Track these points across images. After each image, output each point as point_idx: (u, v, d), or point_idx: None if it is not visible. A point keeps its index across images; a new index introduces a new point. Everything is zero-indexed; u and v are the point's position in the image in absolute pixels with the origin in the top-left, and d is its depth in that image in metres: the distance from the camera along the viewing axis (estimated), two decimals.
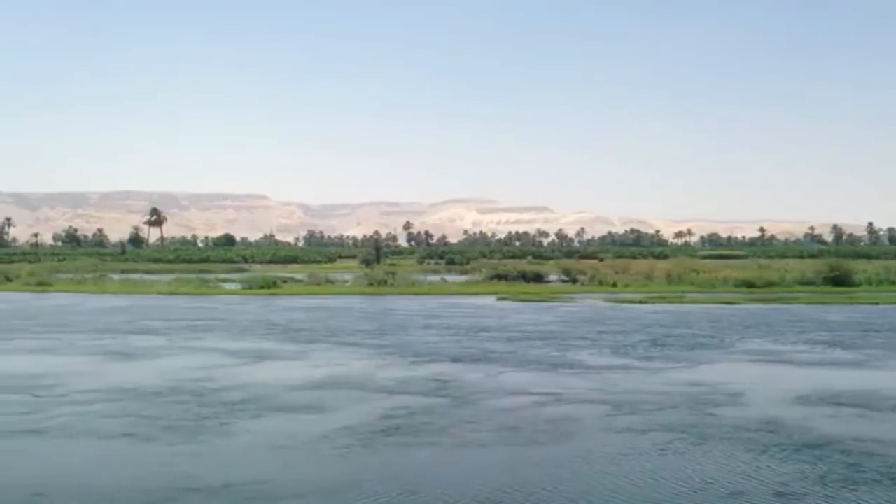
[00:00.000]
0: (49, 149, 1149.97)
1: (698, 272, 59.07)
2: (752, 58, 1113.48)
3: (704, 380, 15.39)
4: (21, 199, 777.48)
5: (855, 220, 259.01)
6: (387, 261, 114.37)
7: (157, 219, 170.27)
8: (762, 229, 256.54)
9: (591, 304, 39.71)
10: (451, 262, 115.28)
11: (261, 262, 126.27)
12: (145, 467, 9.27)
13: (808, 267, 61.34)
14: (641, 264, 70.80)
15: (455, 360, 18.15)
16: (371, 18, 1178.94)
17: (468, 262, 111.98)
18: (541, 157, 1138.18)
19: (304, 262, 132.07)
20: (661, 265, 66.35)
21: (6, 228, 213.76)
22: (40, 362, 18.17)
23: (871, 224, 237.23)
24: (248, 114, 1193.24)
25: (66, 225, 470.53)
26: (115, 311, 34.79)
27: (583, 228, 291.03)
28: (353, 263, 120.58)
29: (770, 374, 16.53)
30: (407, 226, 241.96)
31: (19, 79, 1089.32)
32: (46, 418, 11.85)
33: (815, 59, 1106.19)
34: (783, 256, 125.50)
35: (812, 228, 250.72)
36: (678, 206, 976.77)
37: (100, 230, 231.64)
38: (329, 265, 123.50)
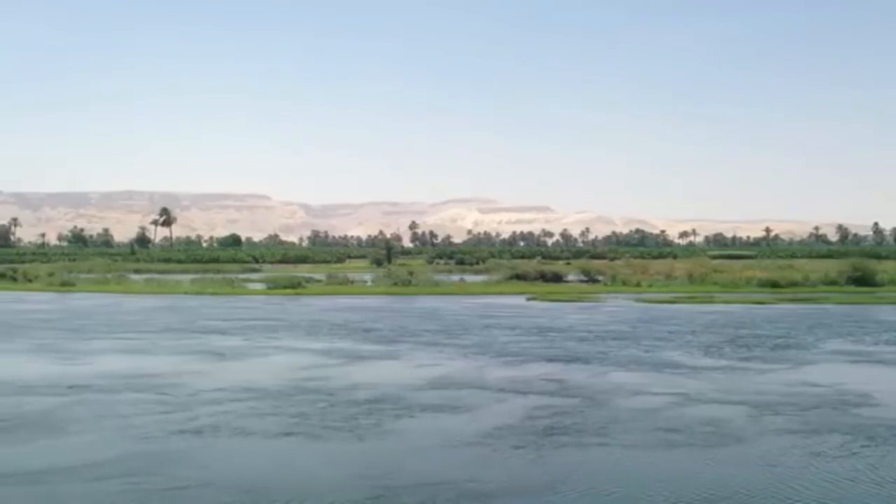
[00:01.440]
0: (50, 149, 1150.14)
1: (720, 272, 59.32)
2: (753, 58, 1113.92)
3: (820, 381, 15.48)
4: (22, 199, 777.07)
5: (856, 221, 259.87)
6: (396, 261, 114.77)
7: (166, 219, 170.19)
8: (768, 229, 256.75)
9: (625, 304, 39.80)
10: (460, 262, 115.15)
11: (271, 262, 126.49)
12: (338, 466, 9.37)
13: (829, 267, 61.57)
14: (660, 264, 70.97)
15: (550, 360, 18.26)
16: (372, 18, 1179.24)
17: (477, 263, 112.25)
18: (542, 156, 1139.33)
19: (314, 262, 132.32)
20: (681, 265, 66.61)
21: (12, 229, 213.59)
22: (142, 362, 18.22)
23: (876, 224, 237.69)
24: (250, 114, 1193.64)
25: (67, 225, 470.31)
26: (161, 311, 34.92)
27: (587, 228, 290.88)
28: (363, 263, 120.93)
29: (879, 375, 16.68)
30: (413, 226, 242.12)
31: (20, 79, 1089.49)
32: (191, 417, 11.94)
33: (817, 59, 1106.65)
34: (793, 256, 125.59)
35: (817, 228, 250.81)
36: (679, 206, 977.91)
37: (106, 230, 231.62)
38: (339, 265, 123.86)
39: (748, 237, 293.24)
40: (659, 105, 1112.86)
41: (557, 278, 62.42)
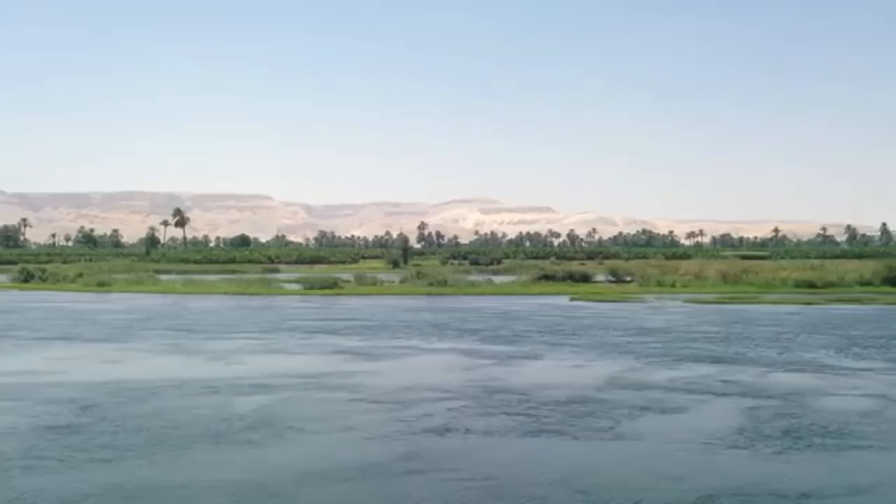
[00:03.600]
0: (52, 149, 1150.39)
1: (754, 272, 59.36)
2: (754, 58, 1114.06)
3: None
4: (25, 200, 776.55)
5: (859, 221, 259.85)
6: (411, 261, 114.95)
7: (179, 220, 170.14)
8: (776, 229, 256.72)
9: (678, 304, 39.86)
10: (474, 263, 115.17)
11: (287, 263, 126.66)
12: (628, 466, 9.44)
13: (853, 267, 61.64)
14: (691, 265, 70.83)
15: (696, 360, 18.24)
16: (372, 18, 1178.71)
17: (492, 263, 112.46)
18: (543, 157, 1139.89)
19: (329, 262, 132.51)
20: (714, 265, 66.74)
21: (22, 229, 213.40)
22: (293, 362, 18.27)
23: (884, 224, 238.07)
24: (251, 114, 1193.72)
25: (69, 226, 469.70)
26: (234, 311, 35.23)
27: (594, 229, 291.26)
28: (378, 263, 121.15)
29: None
30: (421, 226, 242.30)
31: (22, 79, 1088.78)
32: (411, 416, 11.99)
33: (817, 58, 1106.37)
34: (806, 257, 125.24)
35: (824, 229, 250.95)
36: (681, 207, 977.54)
37: (115, 230, 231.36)
38: (354, 265, 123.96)
39: (755, 237, 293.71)
40: (659, 105, 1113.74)
41: (586, 279, 62.44)
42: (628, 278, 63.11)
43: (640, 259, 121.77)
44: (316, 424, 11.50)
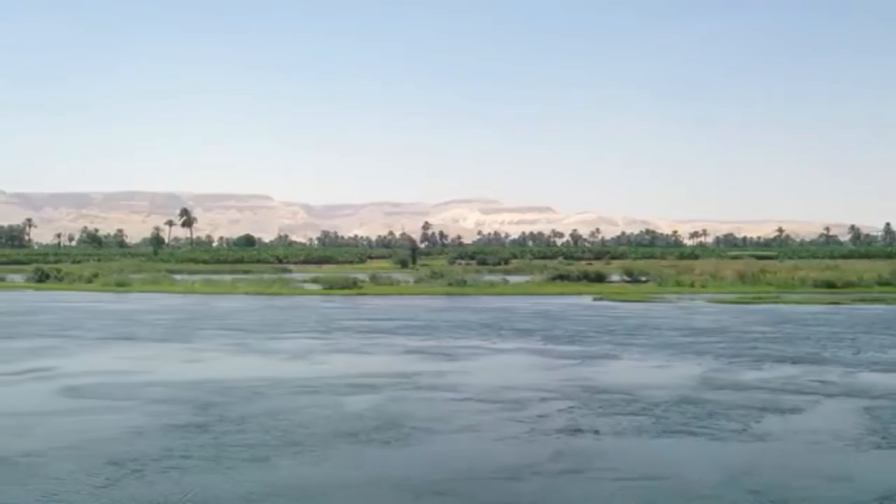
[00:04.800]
0: (52, 149, 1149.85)
1: (773, 272, 59.48)
2: (753, 58, 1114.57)
3: None
4: (25, 200, 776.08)
5: (861, 221, 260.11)
6: (419, 261, 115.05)
7: (186, 219, 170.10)
8: (780, 229, 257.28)
9: (706, 304, 39.90)
10: (482, 263, 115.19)
11: (294, 263, 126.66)
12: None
13: (865, 267, 61.85)
14: (705, 264, 71.01)
15: (777, 361, 18.19)
16: (372, 18, 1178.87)
17: (499, 263, 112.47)
18: (543, 157, 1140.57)
19: (336, 262, 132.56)
20: (730, 265, 66.87)
21: (27, 229, 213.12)
22: (375, 361, 18.26)
23: (888, 224, 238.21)
24: (251, 114, 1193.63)
25: (70, 226, 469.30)
26: (269, 310, 35.43)
27: (598, 229, 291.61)
28: (385, 263, 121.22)
29: None
30: (426, 226, 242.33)
31: (22, 79, 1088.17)
32: (542, 416, 11.92)
33: (818, 58, 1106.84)
34: (813, 257, 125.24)
35: (827, 229, 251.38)
36: (681, 206, 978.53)
37: (120, 230, 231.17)
38: (361, 265, 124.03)
39: (759, 237, 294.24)
40: (660, 105, 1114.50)
41: (601, 279, 62.58)
42: (643, 278, 63.30)
43: (647, 259, 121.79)
44: (438, 424, 11.47)
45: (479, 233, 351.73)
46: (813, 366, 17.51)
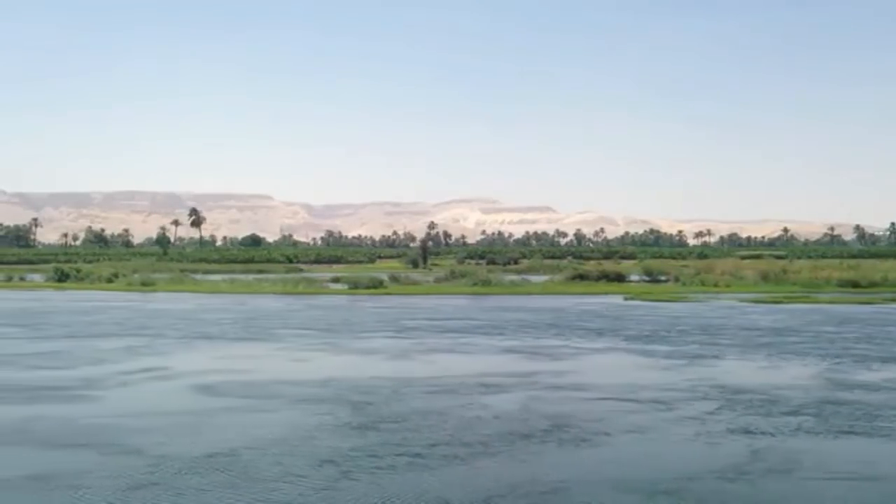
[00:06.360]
0: (52, 149, 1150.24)
1: (796, 272, 59.58)
2: (752, 57, 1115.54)
3: None
4: (25, 200, 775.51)
5: (861, 221, 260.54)
6: (430, 261, 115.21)
7: (195, 219, 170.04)
8: (785, 229, 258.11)
9: (740, 304, 39.96)
10: (491, 263, 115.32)
11: (305, 262, 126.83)
12: None
13: (888, 267, 61.88)
14: (725, 264, 71.13)
15: (882, 360, 18.11)
16: (372, 18, 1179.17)
17: (508, 263, 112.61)
18: (543, 157, 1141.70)
19: (347, 262, 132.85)
20: (751, 265, 67.02)
21: (33, 229, 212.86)
22: (479, 361, 18.17)
23: (893, 224, 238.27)
24: (252, 114, 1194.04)
25: (70, 225, 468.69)
26: (316, 310, 35.71)
27: (602, 229, 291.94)
28: (396, 263, 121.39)
29: None
30: (431, 226, 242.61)
31: (23, 79, 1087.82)
32: (696, 417, 11.84)
33: (817, 58, 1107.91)
34: (823, 256, 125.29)
35: (832, 229, 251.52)
36: (681, 206, 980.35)
37: (126, 230, 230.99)
38: (371, 265, 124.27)
39: (762, 237, 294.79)
40: (660, 105, 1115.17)
41: (620, 278, 62.72)
42: (663, 278, 63.38)
43: (656, 259, 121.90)
44: (603, 425, 11.31)
45: (483, 232, 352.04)
46: None
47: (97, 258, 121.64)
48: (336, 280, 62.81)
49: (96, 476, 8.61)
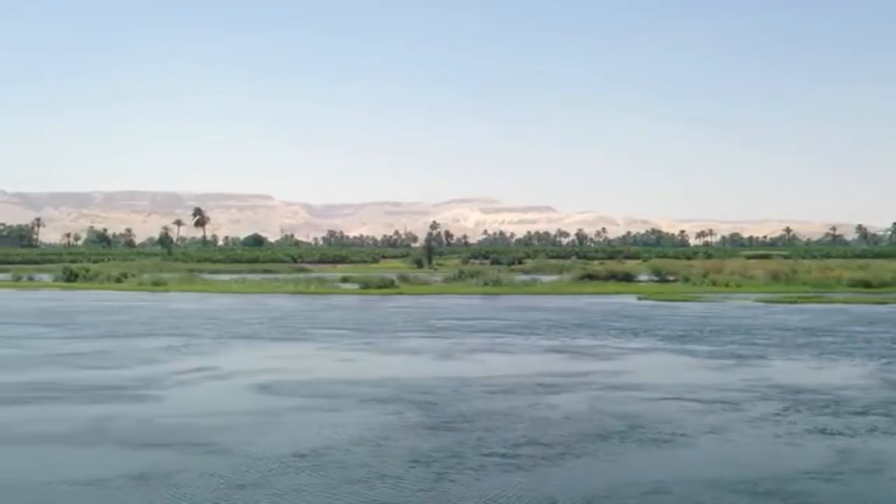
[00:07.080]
0: (52, 149, 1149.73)
1: (806, 272, 59.61)
2: (752, 57, 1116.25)
3: None
4: (25, 200, 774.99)
5: (859, 221, 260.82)
6: (435, 261, 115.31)
7: (199, 219, 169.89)
8: (788, 229, 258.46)
9: (755, 304, 39.94)
10: (495, 262, 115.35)
11: (310, 262, 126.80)
12: None
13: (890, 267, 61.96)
14: (735, 264, 71.13)
15: None
16: (372, 18, 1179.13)
17: (513, 263, 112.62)
18: (543, 157, 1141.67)
19: (351, 262, 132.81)
20: (760, 265, 67.07)
21: (35, 229, 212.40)
22: (529, 361, 18.20)
23: (895, 224, 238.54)
24: (252, 114, 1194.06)
25: (71, 225, 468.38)
26: (336, 310, 35.77)
27: (603, 228, 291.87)
28: (400, 263, 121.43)
29: None
30: (433, 226, 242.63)
31: (23, 79, 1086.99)
32: (765, 417, 11.82)
33: (816, 58, 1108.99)
34: (827, 256, 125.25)
35: (834, 228, 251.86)
36: (681, 206, 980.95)
37: (129, 230, 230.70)
38: (376, 265, 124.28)
39: (764, 237, 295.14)
40: (660, 105, 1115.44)
41: (629, 278, 62.90)
42: (671, 277, 63.47)
43: (660, 259, 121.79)
44: (677, 426, 11.30)
45: (485, 232, 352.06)
46: None
47: (101, 258, 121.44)
48: (345, 280, 62.87)
49: (191, 475, 8.62)
